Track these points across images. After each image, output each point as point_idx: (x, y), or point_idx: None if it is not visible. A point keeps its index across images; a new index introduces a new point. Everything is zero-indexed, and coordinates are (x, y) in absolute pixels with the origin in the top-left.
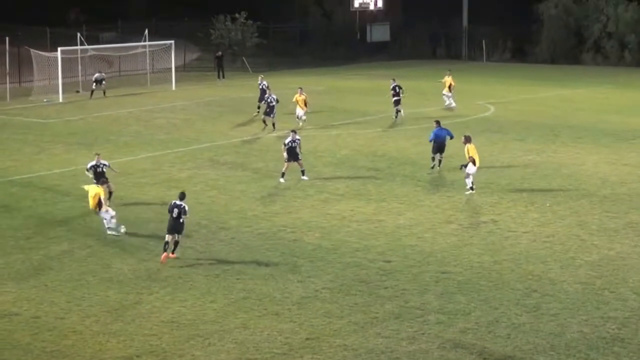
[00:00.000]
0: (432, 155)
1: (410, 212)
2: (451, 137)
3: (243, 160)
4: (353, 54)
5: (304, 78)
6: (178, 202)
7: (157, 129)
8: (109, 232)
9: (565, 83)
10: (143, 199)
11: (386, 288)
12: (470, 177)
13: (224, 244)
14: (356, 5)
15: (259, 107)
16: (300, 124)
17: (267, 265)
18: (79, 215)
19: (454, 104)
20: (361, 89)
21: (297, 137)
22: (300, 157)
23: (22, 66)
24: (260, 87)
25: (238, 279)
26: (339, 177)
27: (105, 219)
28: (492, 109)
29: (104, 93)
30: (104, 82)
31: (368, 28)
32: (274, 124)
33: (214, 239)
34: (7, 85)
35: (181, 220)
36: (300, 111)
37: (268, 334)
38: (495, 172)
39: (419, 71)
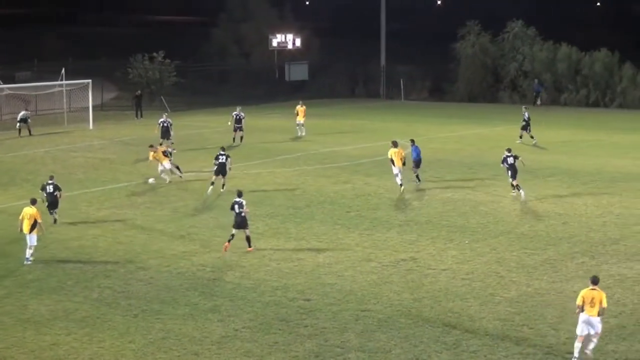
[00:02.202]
0: (414, 171)
1: (329, 250)
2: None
3: (161, 199)
4: (272, 93)
5: (223, 117)
6: (237, 199)
7: (74, 168)
8: (29, 261)
9: (482, 121)
10: (60, 239)
11: (306, 326)
12: (398, 176)
13: (142, 284)
14: (274, 44)
15: (160, 144)
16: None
17: (186, 304)
18: None
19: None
20: (280, 127)
21: (226, 153)
22: (227, 172)
23: None
24: (165, 124)
25: (157, 318)
26: (258, 216)
27: (32, 245)
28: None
29: (30, 132)
30: (29, 121)
31: (287, 67)
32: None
33: (132, 278)
34: None
35: (242, 214)
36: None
37: None
38: (413, 209)
39: (337, 110)
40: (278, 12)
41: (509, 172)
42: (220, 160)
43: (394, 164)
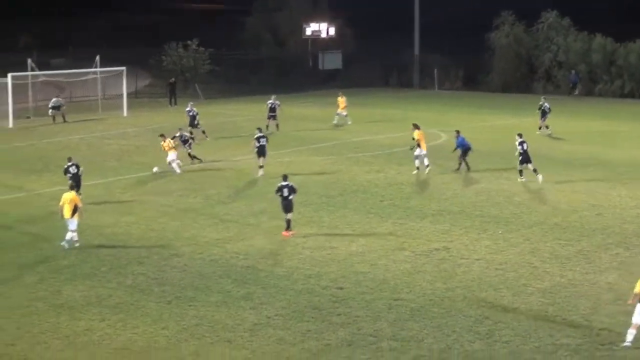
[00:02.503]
0: (460, 159)
1: (362, 239)
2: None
3: (195, 187)
4: (305, 82)
5: (255, 106)
6: (284, 183)
7: (108, 155)
8: (69, 244)
9: (516, 112)
10: (94, 225)
11: (339, 315)
12: (417, 159)
13: (176, 271)
14: (308, 33)
15: (191, 133)
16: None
17: (219, 292)
18: (28, 242)
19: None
20: (313, 116)
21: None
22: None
23: None
24: (190, 114)
25: (190, 305)
26: None
27: (74, 230)
28: (444, 136)
29: (64, 118)
30: (62, 108)
31: (320, 56)
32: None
33: (166, 265)
34: None
35: (290, 198)
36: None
37: None
38: (447, 199)
39: (371, 99)
40: (312, 1)
41: (521, 157)
42: (261, 143)
43: (419, 146)
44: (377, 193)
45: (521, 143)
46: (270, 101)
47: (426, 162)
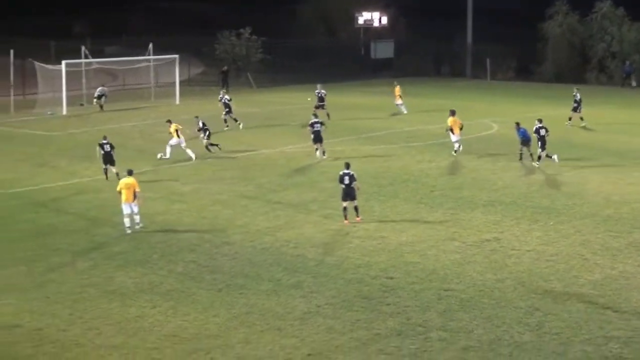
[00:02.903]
0: (520, 150)
1: (413, 229)
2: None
3: (246, 175)
4: (357, 71)
5: (308, 94)
6: (346, 171)
7: (160, 142)
8: (135, 227)
9: (569, 102)
10: (145, 213)
11: (388, 305)
12: (455, 143)
13: (227, 259)
14: (360, 22)
15: (226, 121)
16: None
17: (269, 280)
18: (82, 228)
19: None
20: (365, 105)
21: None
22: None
23: (26, 79)
24: (223, 101)
25: (241, 293)
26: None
27: (135, 212)
28: (496, 127)
29: (101, 107)
30: (105, 97)
31: (372, 45)
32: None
33: (217, 253)
34: (11, 97)
35: (352, 186)
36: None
37: (270, 349)
38: (498, 190)
39: (422, 89)
40: None
41: (539, 142)
42: (315, 128)
43: (452, 132)
44: (428, 183)
45: (539, 129)
46: (317, 90)
47: (456, 146)
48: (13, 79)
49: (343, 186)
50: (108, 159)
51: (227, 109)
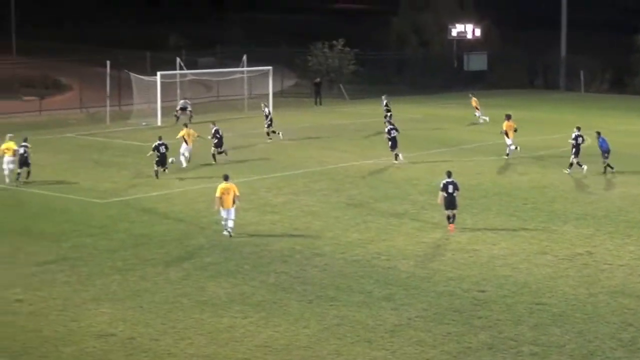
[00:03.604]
0: (604, 161)
1: (505, 242)
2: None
3: (337, 187)
4: (449, 83)
5: (401, 106)
6: (449, 180)
7: (254, 154)
8: (230, 232)
9: None
10: (238, 223)
11: (480, 318)
12: (507, 147)
13: (318, 270)
14: (454, 34)
15: (267, 134)
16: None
17: (360, 292)
18: (175, 238)
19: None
20: (457, 117)
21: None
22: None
23: (122, 89)
24: (265, 113)
25: (331, 305)
26: (433, 205)
27: (230, 218)
28: (589, 139)
29: (178, 119)
30: (188, 110)
31: (465, 57)
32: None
33: (308, 264)
34: (107, 108)
35: (455, 195)
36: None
37: None
38: (591, 203)
39: (515, 101)
40: (458, 2)
41: (574, 150)
42: (392, 135)
43: (507, 136)
44: (520, 196)
45: (577, 137)
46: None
47: (508, 150)
48: (109, 90)
49: (445, 195)
50: (162, 161)
51: (269, 122)
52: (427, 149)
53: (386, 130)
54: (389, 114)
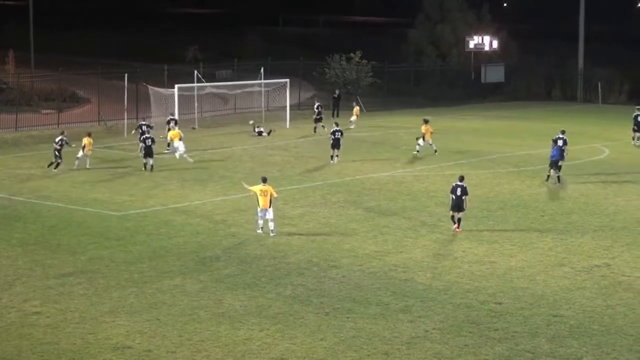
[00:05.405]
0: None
1: (522, 254)
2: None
3: (355, 199)
4: (467, 95)
5: (418, 118)
6: (459, 183)
7: (270, 166)
8: (270, 234)
9: None
10: (255, 236)
11: (497, 330)
12: (418, 146)
13: (334, 282)
14: (471, 46)
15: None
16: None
17: (377, 304)
18: (192, 250)
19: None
20: (475, 129)
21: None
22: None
23: (139, 102)
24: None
25: (348, 317)
26: (449, 217)
27: (270, 219)
28: (607, 151)
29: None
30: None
31: (483, 69)
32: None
33: (325, 277)
34: (125, 120)
35: (463, 198)
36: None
37: None
38: (609, 215)
39: (533, 112)
40: (475, 14)
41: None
42: (336, 136)
43: (423, 139)
44: (538, 207)
45: (557, 139)
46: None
47: (417, 148)
48: (127, 102)
49: (453, 197)
50: (149, 152)
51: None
52: (445, 160)
53: (331, 131)
54: (319, 117)
